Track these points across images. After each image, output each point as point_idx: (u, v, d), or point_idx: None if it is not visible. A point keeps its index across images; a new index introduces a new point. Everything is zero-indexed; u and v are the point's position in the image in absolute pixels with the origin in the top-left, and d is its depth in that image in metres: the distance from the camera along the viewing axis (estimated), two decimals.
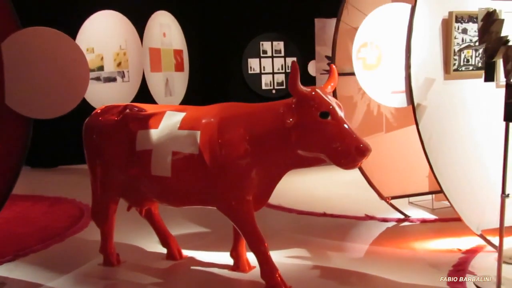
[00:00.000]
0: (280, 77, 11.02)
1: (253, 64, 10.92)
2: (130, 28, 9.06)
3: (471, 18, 4.01)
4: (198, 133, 3.69)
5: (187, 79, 10.26)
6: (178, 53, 10.05)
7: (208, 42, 10.83)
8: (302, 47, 10.66)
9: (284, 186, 7.06)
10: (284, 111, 3.42)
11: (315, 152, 3.40)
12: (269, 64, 10.95)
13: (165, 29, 9.71)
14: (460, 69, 4.06)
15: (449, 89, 4.05)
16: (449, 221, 5.16)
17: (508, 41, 3.22)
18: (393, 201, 5.56)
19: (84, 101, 8.62)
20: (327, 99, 3.39)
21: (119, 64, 9.08)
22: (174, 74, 9.94)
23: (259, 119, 3.57)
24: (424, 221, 5.29)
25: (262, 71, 10.95)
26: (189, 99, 9.86)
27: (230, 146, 3.59)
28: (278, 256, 4.33)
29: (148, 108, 4.10)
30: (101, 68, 9.02)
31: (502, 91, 3.89)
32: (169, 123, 3.84)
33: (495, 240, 4.43)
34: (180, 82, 10.11)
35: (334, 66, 3.72)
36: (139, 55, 9.13)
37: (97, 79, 8.98)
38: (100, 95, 8.72)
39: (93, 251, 4.41)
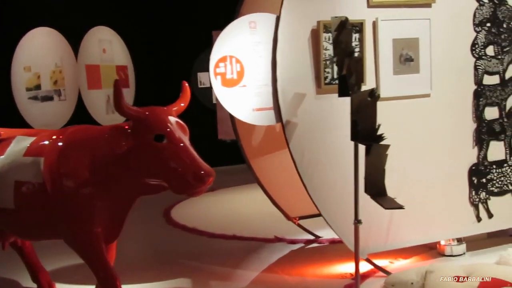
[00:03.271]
0: None
1: (203, 78, 10.61)
2: (65, 45, 8.81)
3: None
4: (42, 160, 3.40)
5: (134, 95, 9.98)
6: (121, 69, 9.77)
7: (156, 57, 10.54)
8: None
9: (203, 206, 6.81)
10: (115, 135, 3.14)
11: (153, 179, 3.12)
12: None
13: (105, 44, 9.44)
14: (334, 83, 3.75)
15: (322, 104, 3.74)
16: None
17: (352, 52, 2.94)
18: (310, 220, 5.24)
19: (23, 121, 8.46)
20: (164, 120, 3.11)
21: (55, 83, 8.83)
22: None
23: (99, 144, 3.28)
24: (333, 242, 4.97)
25: None
26: None
27: (71, 174, 3.30)
28: None
29: (6, 132, 3.81)
30: (38, 87, 8.76)
31: (382, 104, 3.63)
32: (15, 149, 3.54)
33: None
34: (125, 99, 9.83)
35: (186, 84, 3.44)
36: (75, 72, 8.87)
37: (35, 98, 8.71)
38: (38, 115, 8.52)
39: None
